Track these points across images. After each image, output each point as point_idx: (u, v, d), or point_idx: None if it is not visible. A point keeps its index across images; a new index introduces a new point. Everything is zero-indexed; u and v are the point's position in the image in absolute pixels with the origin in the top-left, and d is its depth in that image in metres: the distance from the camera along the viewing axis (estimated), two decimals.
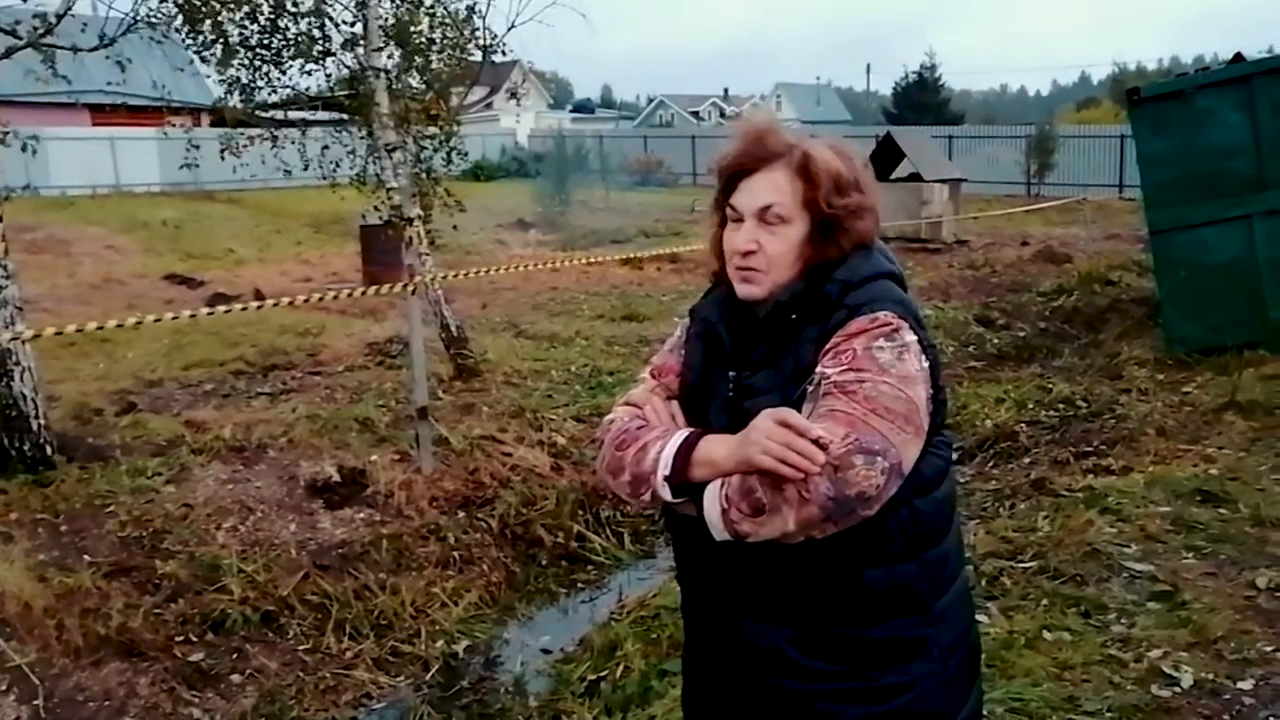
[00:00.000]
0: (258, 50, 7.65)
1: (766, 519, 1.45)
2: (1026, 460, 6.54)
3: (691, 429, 1.62)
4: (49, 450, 5.76)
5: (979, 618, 2.75)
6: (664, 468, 1.56)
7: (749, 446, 1.43)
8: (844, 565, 1.56)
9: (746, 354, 1.66)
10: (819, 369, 1.54)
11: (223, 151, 8.05)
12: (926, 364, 1.56)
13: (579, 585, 5.85)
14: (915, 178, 16.61)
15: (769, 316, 1.64)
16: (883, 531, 1.54)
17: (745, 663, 1.65)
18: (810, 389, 1.53)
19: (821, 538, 1.47)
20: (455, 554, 5.65)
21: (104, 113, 20.98)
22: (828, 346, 1.55)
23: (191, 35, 7.40)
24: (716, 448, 1.52)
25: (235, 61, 7.59)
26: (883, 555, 1.57)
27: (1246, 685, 3.25)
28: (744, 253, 1.63)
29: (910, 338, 1.55)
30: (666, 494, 1.57)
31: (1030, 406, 7.61)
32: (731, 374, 1.66)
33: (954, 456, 1.77)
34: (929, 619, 1.63)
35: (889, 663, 1.60)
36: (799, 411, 1.46)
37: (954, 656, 1.69)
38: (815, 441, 1.38)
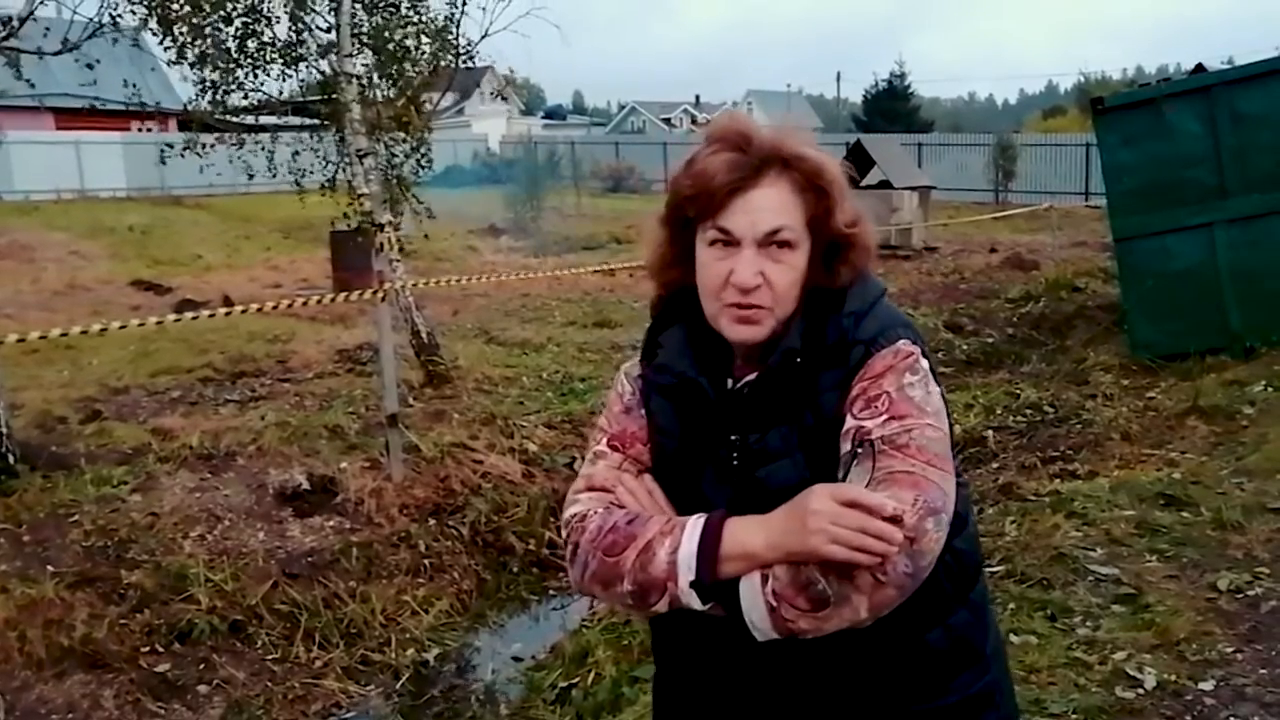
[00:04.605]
0: (232, 54, 7.61)
1: (833, 611, 1.20)
2: (995, 465, 6.60)
3: (707, 514, 1.29)
4: (11, 459, 5.67)
5: None
6: (687, 570, 1.25)
7: (810, 536, 1.18)
8: (906, 635, 1.34)
9: (749, 411, 1.37)
10: (853, 422, 1.29)
11: (183, 150, 7.98)
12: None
13: (550, 592, 5.84)
14: (885, 185, 16.75)
15: (779, 365, 1.34)
16: (935, 587, 1.30)
17: None
18: (858, 451, 1.27)
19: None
20: (426, 561, 5.63)
21: (69, 116, 20.69)
22: (854, 394, 1.31)
23: (166, 39, 7.34)
24: (750, 537, 1.24)
25: (208, 65, 7.55)
26: (939, 611, 1.37)
27: (1208, 686, 3.29)
28: (748, 289, 1.31)
29: (925, 364, 1.34)
30: (695, 603, 1.26)
31: (998, 412, 7.70)
32: (735, 438, 1.37)
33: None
34: (985, 665, 1.46)
35: None
36: (841, 479, 1.27)
37: (1008, 679, 1.57)
38: (890, 518, 1.17)
